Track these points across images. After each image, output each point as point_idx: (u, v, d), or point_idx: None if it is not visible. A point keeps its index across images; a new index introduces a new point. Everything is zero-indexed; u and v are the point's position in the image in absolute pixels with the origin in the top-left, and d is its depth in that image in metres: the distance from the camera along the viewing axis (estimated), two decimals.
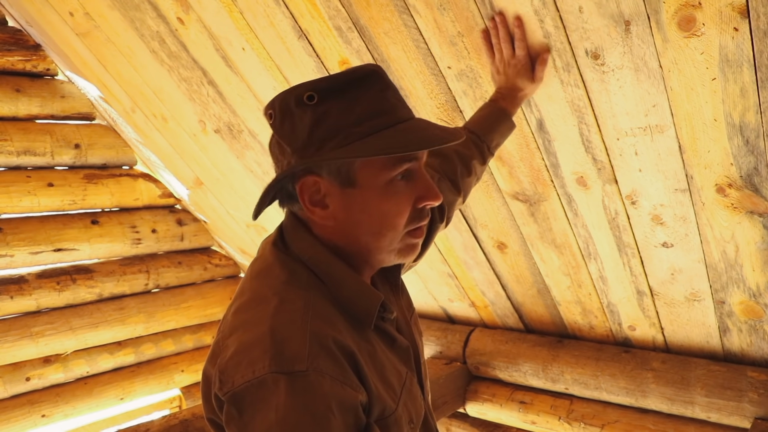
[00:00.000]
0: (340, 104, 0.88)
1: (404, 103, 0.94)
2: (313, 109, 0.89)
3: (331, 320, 0.88)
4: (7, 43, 2.67)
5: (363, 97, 0.89)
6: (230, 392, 0.81)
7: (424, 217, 0.95)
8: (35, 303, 2.77)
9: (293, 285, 0.90)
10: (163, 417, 1.97)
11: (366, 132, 0.87)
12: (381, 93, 0.90)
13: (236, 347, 0.84)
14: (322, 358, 0.81)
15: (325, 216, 0.94)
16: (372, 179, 0.90)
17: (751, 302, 1.68)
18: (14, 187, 2.70)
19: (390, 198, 0.91)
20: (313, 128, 0.89)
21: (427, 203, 0.93)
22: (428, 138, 0.89)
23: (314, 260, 0.94)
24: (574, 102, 1.47)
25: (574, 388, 2.15)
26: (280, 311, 0.85)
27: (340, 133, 0.88)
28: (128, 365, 3.15)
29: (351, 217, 0.92)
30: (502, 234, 2.00)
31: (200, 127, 2.45)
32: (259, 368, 0.79)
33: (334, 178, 0.91)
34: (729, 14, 1.14)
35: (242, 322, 0.87)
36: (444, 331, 2.54)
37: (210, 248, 3.48)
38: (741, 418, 1.79)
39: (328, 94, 0.89)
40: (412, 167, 0.92)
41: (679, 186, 1.51)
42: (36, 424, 2.82)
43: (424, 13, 1.49)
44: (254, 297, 0.91)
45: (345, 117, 0.88)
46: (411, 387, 0.99)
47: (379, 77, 0.92)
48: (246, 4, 1.77)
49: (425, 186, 0.93)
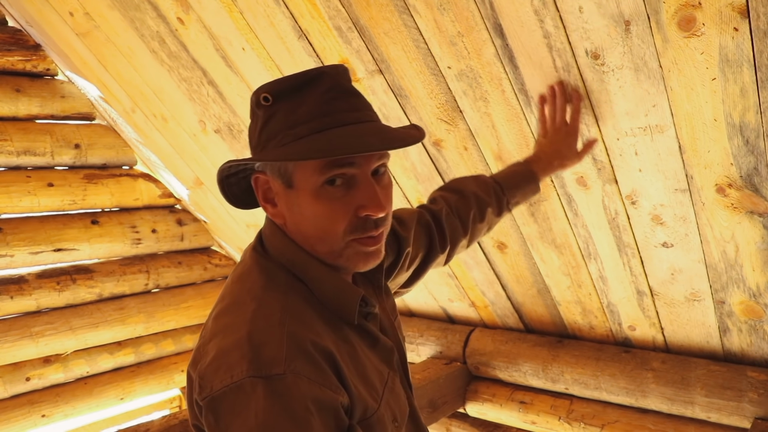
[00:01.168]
0: (287, 106, 0.89)
1: (356, 106, 0.91)
2: (266, 110, 0.91)
3: (310, 323, 0.88)
4: (7, 43, 2.67)
5: (308, 99, 0.89)
6: (209, 397, 0.81)
7: (371, 227, 0.91)
8: (35, 303, 2.77)
9: (271, 289, 0.91)
10: (163, 417, 1.97)
11: (300, 134, 0.87)
12: (324, 95, 0.89)
13: (215, 352, 0.84)
14: (299, 360, 0.81)
15: (275, 214, 0.96)
16: (305, 182, 0.89)
17: (751, 302, 1.68)
18: (14, 187, 2.70)
19: (322, 203, 0.89)
20: (262, 129, 0.92)
21: (368, 213, 0.89)
22: (352, 145, 0.85)
23: (292, 262, 0.94)
24: None
25: (574, 388, 2.15)
26: (257, 316, 0.86)
27: (278, 135, 0.89)
28: (128, 365, 3.15)
29: (293, 217, 0.93)
30: (502, 234, 2.00)
31: (200, 127, 2.45)
32: (237, 373, 0.80)
33: (278, 178, 0.92)
34: (729, 14, 1.14)
35: (221, 327, 0.88)
36: (444, 331, 2.54)
37: (210, 248, 3.48)
38: (741, 418, 1.79)
39: (280, 95, 0.90)
40: (352, 173, 0.89)
41: (679, 186, 1.51)
42: (36, 424, 2.82)
43: (424, 13, 1.49)
44: (233, 302, 0.92)
45: (286, 119, 0.89)
46: (393, 386, 0.99)
47: (328, 79, 0.90)
48: (246, 4, 1.77)
49: (366, 195, 0.89)
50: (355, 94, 0.93)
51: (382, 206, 0.90)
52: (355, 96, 0.92)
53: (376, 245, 0.94)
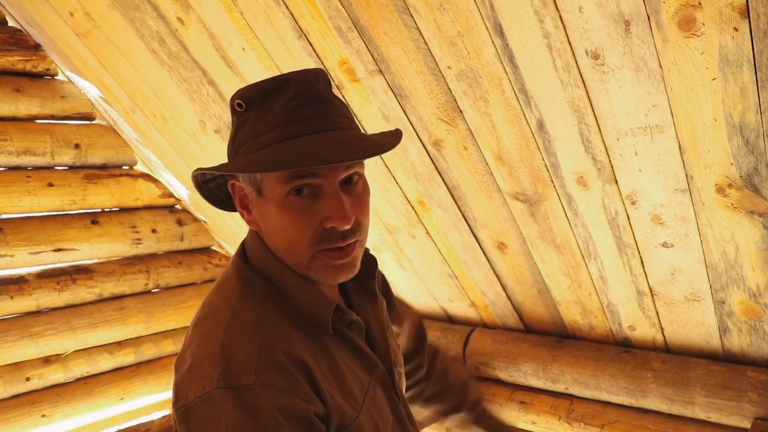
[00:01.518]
0: (255, 113, 0.89)
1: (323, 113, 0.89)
2: (239, 116, 0.91)
3: (284, 332, 0.88)
4: (7, 43, 2.67)
5: (274, 107, 0.88)
6: (182, 408, 0.82)
7: (337, 239, 0.89)
8: (35, 303, 2.77)
9: (247, 297, 0.91)
10: (163, 417, 1.98)
11: (263, 144, 0.87)
12: (289, 103, 0.87)
13: (191, 362, 0.85)
14: (270, 371, 0.82)
15: (250, 221, 0.97)
16: (272, 192, 0.89)
17: (751, 302, 1.68)
18: (14, 187, 2.70)
19: (287, 213, 0.88)
20: (235, 136, 0.92)
21: (333, 225, 0.88)
22: (304, 157, 0.83)
23: (268, 270, 0.94)
24: (574, 102, 1.47)
25: (574, 388, 2.15)
26: (231, 326, 0.86)
27: (246, 143, 0.89)
28: (128, 365, 3.15)
29: (265, 225, 0.94)
30: (502, 234, 2.00)
31: (200, 127, 2.45)
32: (208, 384, 0.80)
33: (250, 186, 0.92)
34: (729, 14, 1.14)
35: (198, 335, 0.89)
36: (444, 331, 2.54)
37: (210, 248, 3.48)
38: (741, 418, 1.79)
39: (251, 102, 0.90)
40: (317, 183, 0.88)
41: (679, 186, 1.51)
42: (36, 424, 2.81)
43: (424, 13, 1.49)
44: (210, 310, 0.92)
45: (253, 127, 0.88)
46: (375, 395, 0.98)
47: (294, 85, 0.88)
48: (246, 4, 1.77)
49: (331, 206, 0.88)
50: (324, 100, 0.90)
51: (347, 218, 0.88)
52: (323, 102, 0.90)
53: (344, 258, 0.92)
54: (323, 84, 0.92)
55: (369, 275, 1.08)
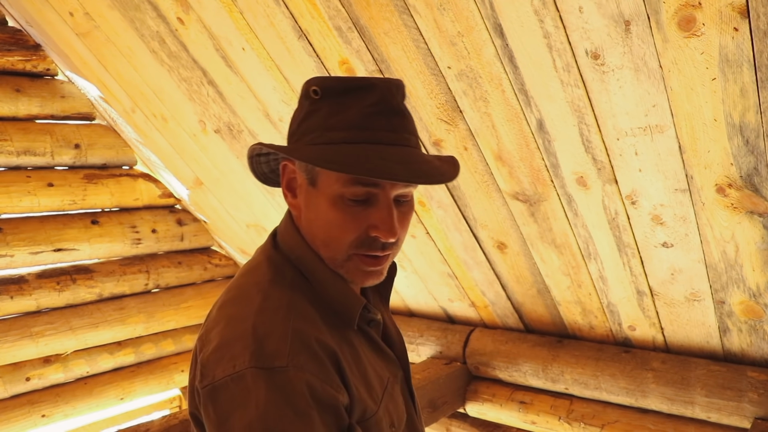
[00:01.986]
0: (331, 106, 0.89)
1: (396, 127, 0.89)
2: (312, 103, 0.91)
3: (314, 320, 0.88)
4: (7, 43, 2.67)
5: (352, 106, 0.88)
6: (210, 386, 0.81)
7: (377, 248, 0.90)
8: (35, 303, 2.77)
9: (278, 284, 0.91)
10: (163, 417, 1.97)
11: (333, 140, 0.87)
12: (368, 108, 0.87)
13: (218, 341, 0.85)
14: (303, 355, 0.82)
15: (293, 204, 0.96)
16: (327, 187, 0.89)
17: (751, 302, 1.68)
18: (14, 187, 2.70)
19: (337, 211, 0.89)
20: (303, 120, 0.92)
21: (378, 235, 0.89)
22: (377, 168, 0.83)
23: (300, 260, 0.95)
24: (574, 102, 1.47)
25: (574, 388, 2.15)
26: (263, 308, 0.86)
27: (314, 132, 0.89)
28: (128, 365, 3.15)
29: (308, 214, 0.94)
30: (502, 234, 2.00)
31: (200, 127, 2.45)
32: (239, 363, 0.80)
33: (304, 173, 0.93)
34: (729, 14, 1.14)
35: (226, 317, 0.89)
36: (444, 331, 2.54)
37: (210, 248, 3.48)
38: (741, 418, 1.79)
39: (329, 93, 0.89)
40: (374, 193, 0.88)
41: (679, 186, 1.51)
42: (36, 424, 2.82)
43: (424, 13, 1.49)
44: (240, 293, 0.92)
45: (326, 120, 0.89)
46: (392, 392, 1.00)
47: (377, 92, 0.88)
48: (246, 4, 1.77)
49: (381, 217, 0.88)
50: (400, 113, 0.91)
51: (394, 232, 0.89)
52: (399, 116, 0.90)
53: (377, 266, 0.93)
54: (401, 97, 0.94)
55: (388, 281, 1.10)
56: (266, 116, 2.16)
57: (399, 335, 1.10)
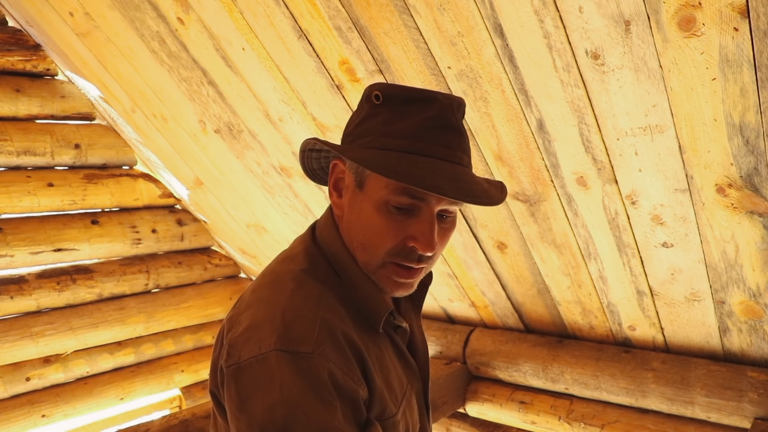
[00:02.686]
0: (391, 113, 0.90)
1: (451, 144, 0.90)
2: (372, 107, 0.93)
3: (342, 316, 0.89)
4: (7, 43, 2.67)
5: (411, 116, 0.89)
6: (235, 365, 0.82)
7: (413, 259, 0.91)
8: (35, 303, 2.77)
9: (312, 275, 0.93)
10: (163, 417, 1.97)
11: (386, 146, 0.88)
12: (427, 121, 0.89)
13: (248, 323, 0.86)
14: (328, 345, 0.83)
15: (337, 203, 0.98)
16: (374, 191, 0.90)
17: (751, 302, 1.68)
18: (14, 187, 2.70)
19: (380, 217, 0.90)
20: (361, 123, 0.94)
21: (416, 245, 0.90)
22: (425, 179, 0.84)
23: (335, 257, 0.96)
24: (574, 102, 1.47)
25: (574, 388, 2.15)
26: (295, 295, 0.88)
27: (369, 136, 0.91)
28: (128, 365, 3.15)
29: (351, 215, 0.95)
30: (502, 234, 2.00)
31: (200, 127, 2.45)
32: (265, 345, 0.81)
33: (353, 174, 0.94)
34: (729, 14, 1.14)
35: (258, 300, 0.90)
36: (444, 331, 2.54)
37: (210, 248, 3.48)
38: (741, 418, 1.79)
39: (390, 100, 0.91)
40: (418, 205, 0.89)
41: (679, 186, 1.51)
42: (36, 424, 2.82)
43: (424, 13, 1.49)
44: (274, 279, 0.94)
45: (383, 126, 0.90)
46: (411, 399, 1.01)
47: (437, 106, 0.89)
48: (246, 4, 1.77)
49: (421, 229, 0.89)
50: (458, 131, 0.92)
51: (433, 245, 0.90)
52: (456, 133, 0.91)
53: (410, 278, 0.94)
54: (460, 115, 0.95)
55: (423, 289, 1.10)
56: (266, 116, 2.16)
57: (424, 346, 1.10)
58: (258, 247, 3.07)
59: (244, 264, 3.45)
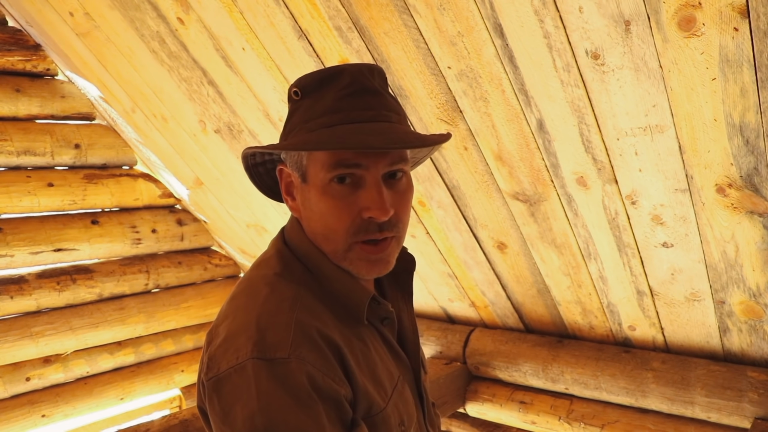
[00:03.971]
0: (309, 101, 0.91)
1: (372, 105, 0.90)
2: (294, 104, 0.94)
3: (319, 314, 0.89)
4: (7, 43, 2.67)
5: (326, 96, 0.90)
6: (215, 377, 0.82)
7: (374, 230, 0.90)
8: (35, 303, 2.77)
9: (285, 278, 0.92)
10: (163, 417, 1.98)
11: (311, 129, 0.89)
12: (340, 92, 0.89)
13: (225, 334, 0.85)
14: (305, 347, 0.82)
15: (293, 207, 0.98)
16: (315, 177, 0.90)
17: (751, 302, 1.68)
18: (14, 187, 2.70)
19: (327, 200, 0.89)
20: (287, 122, 0.95)
21: (371, 215, 0.88)
22: (348, 140, 0.84)
23: (307, 256, 0.95)
24: (574, 102, 1.47)
25: (574, 388, 2.15)
26: (268, 300, 0.87)
27: (296, 128, 0.92)
28: (128, 365, 3.15)
29: (306, 211, 0.94)
30: (502, 234, 2.00)
31: (200, 127, 2.45)
32: (241, 354, 0.81)
33: (296, 171, 0.94)
34: (729, 14, 1.14)
35: (234, 309, 0.90)
36: (444, 331, 2.54)
37: (210, 248, 3.48)
38: (741, 418, 1.79)
39: (307, 90, 0.92)
40: (358, 173, 0.88)
41: (679, 186, 1.51)
42: (36, 424, 2.82)
43: (424, 13, 1.49)
44: (248, 286, 0.93)
45: (305, 113, 0.91)
46: (403, 390, 0.99)
47: (347, 76, 0.90)
48: (246, 4, 1.77)
49: (369, 197, 0.88)
50: (375, 92, 0.91)
51: (385, 209, 0.88)
52: (374, 94, 0.91)
53: (379, 253, 0.92)
54: (378, 79, 0.94)
55: (407, 274, 1.08)
56: (266, 116, 2.16)
57: (415, 336, 1.08)
58: (258, 247, 3.07)
59: (244, 264, 3.45)
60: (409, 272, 1.08)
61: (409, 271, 1.08)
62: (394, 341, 1.02)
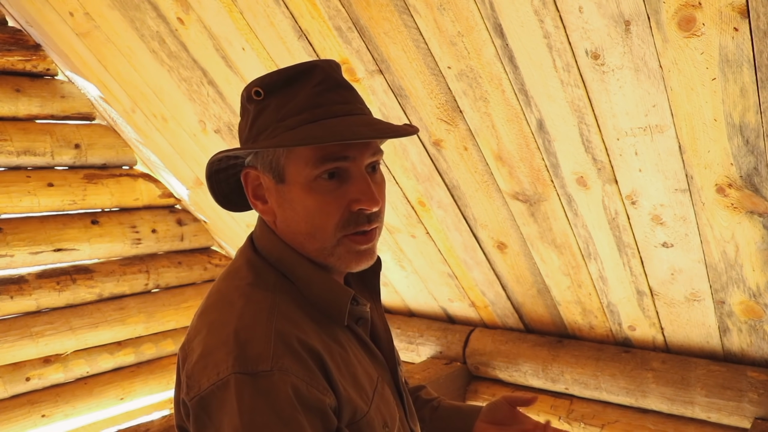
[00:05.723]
0: (278, 100, 0.90)
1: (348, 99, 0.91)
2: (257, 105, 0.91)
3: (298, 322, 0.87)
4: (7, 43, 2.67)
5: (299, 92, 0.89)
6: (197, 396, 0.80)
7: (364, 222, 0.89)
8: (35, 303, 2.76)
9: (259, 287, 0.90)
10: (163, 417, 1.98)
11: (290, 126, 0.87)
12: (316, 87, 0.89)
13: (201, 350, 0.83)
14: (287, 358, 0.80)
15: (265, 210, 0.95)
16: (298, 176, 0.88)
17: (751, 302, 1.68)
18: (14, 187, 2.70)
19: (314, 196, 0.88)
20: (253, 123, 0.92)
21: (362, 207, 0.88)
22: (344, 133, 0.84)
23: (281, 261, 0.93)
24: (574, 102, 1.47)
25: (574, 388, 2.15)
26: (245, 312, 0.85)
27: (269, 128, 0.89)
28: (128, 365, 3.14)
29: (284, 213, 0.92)
30: (502, 234, 2.00)
31: (200, 127, 2.45)
32: (222, 370, 0.79)
33: (269, 173, 0.91)
34: (729, 14, 1.14)
35: (207, 324, 0.87)
36: (444, 331, 2.54)
37: (210, 248, 3.48)
38: (741, 418, 1.79)
39: (272, 89, 0.90)
40: (344, 167, 0.88)
41: (679, 186, 1.51)
42: (36, 424, 2.81)
43: (424, 13, 1.49)
44: (220, 299, 0.91)
45: (277, 112, 0.89)
46: (383, 391, 0.98)
47: (320, 71, 0.90)
48: (246, 4, 1.77)
49: (359, 189, 0.88)
50: (347, 87, 0.92)
51: (375, 200, 0.88)
52: (347, 89, 0.92)
53: (368, 243, 0.92)
54: (340, 73, 0.95)
55: (374, 274, 1.08)
56: None
57: (387, 333, 1.07)
58: None
59: None
60: (376, 272, 1.07)
61: (376, 270, 1.07)
62: (370, 342, 1.01)
